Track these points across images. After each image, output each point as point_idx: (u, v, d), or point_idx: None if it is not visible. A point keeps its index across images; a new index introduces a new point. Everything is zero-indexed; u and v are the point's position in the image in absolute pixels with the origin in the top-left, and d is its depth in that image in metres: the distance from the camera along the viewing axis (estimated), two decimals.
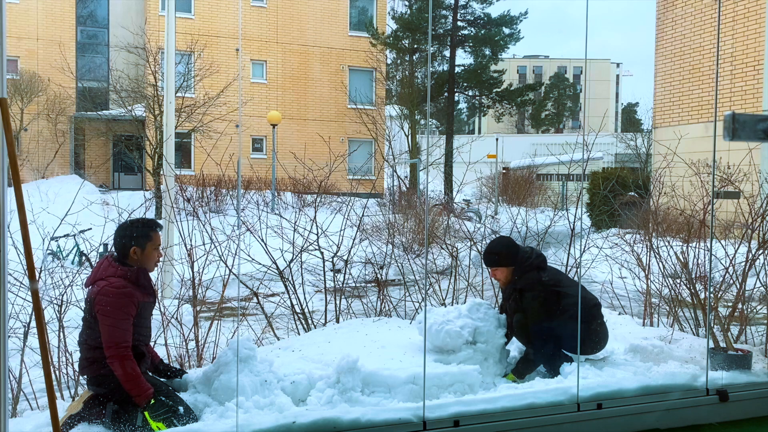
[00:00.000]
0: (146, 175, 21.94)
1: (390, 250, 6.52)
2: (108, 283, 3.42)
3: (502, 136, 33.28)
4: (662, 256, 5.73)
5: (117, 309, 3.37)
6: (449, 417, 3.22)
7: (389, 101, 29.17)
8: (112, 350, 3.34)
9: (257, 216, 6.17)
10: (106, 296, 3.38)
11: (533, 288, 4.31)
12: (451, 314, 4.38)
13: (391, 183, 23.31)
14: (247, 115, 25.30)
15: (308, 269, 5.95)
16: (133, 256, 3.52)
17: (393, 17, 29.63)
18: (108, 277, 3.44)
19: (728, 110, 3.12)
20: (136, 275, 3.51)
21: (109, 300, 3.37)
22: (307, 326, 5.49)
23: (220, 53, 23.57)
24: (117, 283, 3.42)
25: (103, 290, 3.40)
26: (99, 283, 3.45)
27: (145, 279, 3.59)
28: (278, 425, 3.07)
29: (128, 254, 3.52)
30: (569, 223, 6.22)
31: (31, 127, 21.88)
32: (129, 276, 3.47)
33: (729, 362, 4.12)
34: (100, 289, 3.42)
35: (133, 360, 3.39)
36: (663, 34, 17.08)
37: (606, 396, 3.54)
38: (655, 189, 7.30)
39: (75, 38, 25.35)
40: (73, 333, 4.55)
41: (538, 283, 4.33)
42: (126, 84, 21.01)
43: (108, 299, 3.37)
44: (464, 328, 4.26)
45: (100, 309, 3.37)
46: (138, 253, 3.52)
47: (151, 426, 3.35)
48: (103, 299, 3.37)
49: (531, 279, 4.33)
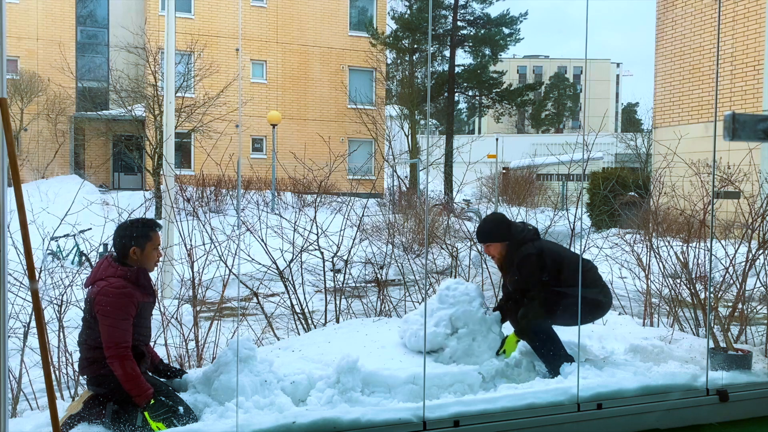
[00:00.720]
0: (146, 175, 21.94)
1: (390, 250, 6.52)
2: (108, 283, 3.41)
3: (502, 136, 33.29)
4: (662, 256, 5.73)
5: (117, 309, 3.36)
6: (449, 417, 3.22)
7: (389, 101, 29.19)
8: (111, 350, 3.34)
9: (257, 216, 6.18)
10: (106, 296, 3.38)
11: (531, 258, 4.28)
12: (421, 315, 4.27)
13: (391, 183, 23.32)
14: (247, 115, 25.31)
15: (308, 269, 5.95)
16: (132, 256, 3.52)
17: (393, 17, 29.67)
18: (108, 277, 3.44)
19: (728, 110, 3.12)
20: (135, 275, 3.50)
21: (108, 300, 3.37)
22: (307, 326, 5.49)
23: (220, 53, 23.58)
24: (117, 283, 3.41)
25: (102, 290, 3.40)
26: (99, 283, 3.45)
27: (144, 279, 3.59)
28: (278, 425, 3.07)
29: (128, 254, 3.52)
30: (569, 223, 6.23)
31: (31, 127, 21.88)
32: (129, 276, 3.47)
33: (729, 362, 4.12)
34: (99, 290, 3.41)
35: (133, 360, 3.39)
36: (663, 34, 17.09)
37: (606, 396, 3.54)
38: (655, 189, 7.30)
39: (75, 38, 25.36)
40: (73, 333, 4.55)
41: (536, 253, 4.29)
42: (126, 84, 21.02)
43: (108, 299, 3.37)
44: (439, 324, 4.22)
45: (100, 309, 3.37)
46: (138, 253, 3.52)
47: (151, 426, 3.34)
48: (103, 299, 3.37)
49: (528, 250, 4.31)
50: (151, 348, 3.83)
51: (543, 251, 4.35)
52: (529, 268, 4.29)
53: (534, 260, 4.29)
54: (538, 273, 4.28)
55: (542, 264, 4.30)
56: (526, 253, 4.31)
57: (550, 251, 4.43)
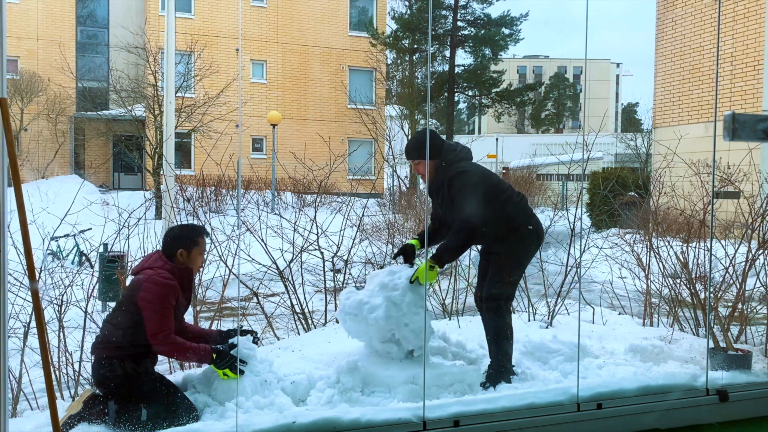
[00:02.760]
0: (146, 175, 21.94)
1: (390, 250, 6.52)
2: (155, 272, 3.57)
3: (502, 136, 33.25)
4: (662, 256, 5.73)
5: (161, 298, 3.52)
6: (449, 417, 3.22)
7: (389, 101, 29.16)
8: (157, 336, 3.48)
9: (257, 216, 6.17)
10: (154, 284, 3.52)
11: (464, 174, 4.01)
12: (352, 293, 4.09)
13: (391, 183, 23.29)
14: (247, 115, 25.29)
15: (308, 269, 5.95)
16: (179, 258, 3.68)
17: (393, 17, 29.65)
18: (156, 267, 3.60)
19: (728, 110, 3.12)
20: (180, 273, 3.66)
21: (155, 289, 3.51)
22: (307, 326, 5.49)
23: (220, 53, 23.56)
24: (164, 274, 3.58)
25: (150, 278, 3.54)
26: (146, 272, 3.59)
27: (187, 281, 3.75)
28: (278, 425, 3.07)
29: (175, 255, 3.67)
30: (569, 223, 6.22)
31: (31, 127, 21.87)
32: (175, 272, 3.63)
33: (729, 362, 4.12)
34: (147, 278, 3.55)
35: (176, 337, 3.56)
36: (663, 34, 17.08)
37: (606, 396, 3.54)
38: (655, 189, 7.29)
39: (75, 38, 25.35)
40: (73, 333, 4.55)
41: (470, 170, 4.06)
42: (126, 84, 21.00)
43: (155, 288, 3.52)
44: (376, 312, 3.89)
45: (145, 296, 3.49)
46: (184, 255, 3.69)
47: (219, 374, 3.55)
48: (150, 287, 3.52)
49: (461, 167, 4.06)
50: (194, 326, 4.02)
51: (478, 169, 4.13)
52: (463, 183, 3.98)
53: (469, 177, 4.02)
54: (473, 192, 3.98)
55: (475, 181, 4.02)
56: (461, 169, 4.05)
57: (485, 171, 4.20)
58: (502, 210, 4.10)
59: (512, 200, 4.20)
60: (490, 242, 4.21)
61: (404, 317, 3.83)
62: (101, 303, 6.18)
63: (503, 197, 4.15)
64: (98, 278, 5.85)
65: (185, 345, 3.57)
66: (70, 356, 4.45)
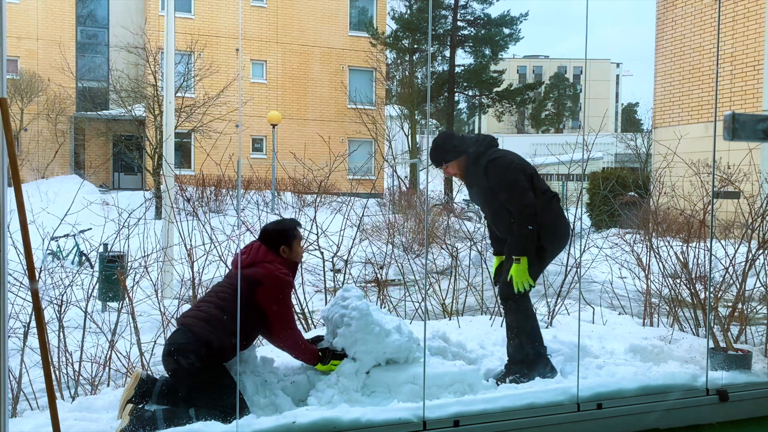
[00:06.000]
0: (146, 175, 21.95)
1: (390, 250, 6.52)
2: (277, 268, 3.58)
3: (502, 136, 33.07)
4: (662, 256, 5.73)
5: (286, 296, 3.59)
6: (449, 417, 3.22)
7: (389, 101, 29.17)
8: (286, 334, 3.58)
9: (257, 216, 6.17)
10: (279, 281, 3.55)
11: (497, 160, 3.93)
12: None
13: (391, 183, 23.29)
14: (247, 115, 25.30)
15: (308, 269, 5.95)
16: (282, 254, 3.70)
17: (393, 17, 29.65)
18: (273, 262, 3.61)
19: (728, 110, 3.13)
20: (292, 268, 3.74)
21: (280, 285, 3.55)
22: (307, 326, 5.49)
23: (220, 53, 23.57)
24: (284, 270, 3.61)
25: (273, 275, 3.54)
26: (264, 266, 3.58)
27: (294, 276, 3.79)
28: (278, 425, 3.07)
29: (278, 252, 3.70)
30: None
31: (31, 127, 21.89)
32: (288, 267, 3.69)
33: (729, 362, 4.12)
34: (269, 273, 3.55)
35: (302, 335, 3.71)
36: (663, 34, 17.08)
37: (606, 396, 3.54)
38: (655, 189, 7.30)
39: (75, 38, 25.37)
40: (73, 333, 4.55)
41: (502, 155, 3.97)
42: (126, 84, 21.02)
43: (280, 284, 3.55)
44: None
45: (270, 294, 3.51)
46: (286, 251, 3.72)
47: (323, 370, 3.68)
48: (276, 284, 3.54)
49: (492, 155, 3.96)
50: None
51: (509, 151, 4.04)
52: (500, 167, 3.90)
53: (503, 160, 3.93)
54: (513, 173, 3.89)
55: (510, 161, 3.93)
56: (493, 156, 3.95)
57: (517, 155, 4.06)
58: (542, 194, 4.02)
59: (548, 192, 4.10)
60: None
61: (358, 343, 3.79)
62: (101, 303, 6.18)
63: (537, 182, 4.05)
64: (98, 278, 5.85)
65: (309, 347, 3.67)
66: (70, 356, 4.44)
